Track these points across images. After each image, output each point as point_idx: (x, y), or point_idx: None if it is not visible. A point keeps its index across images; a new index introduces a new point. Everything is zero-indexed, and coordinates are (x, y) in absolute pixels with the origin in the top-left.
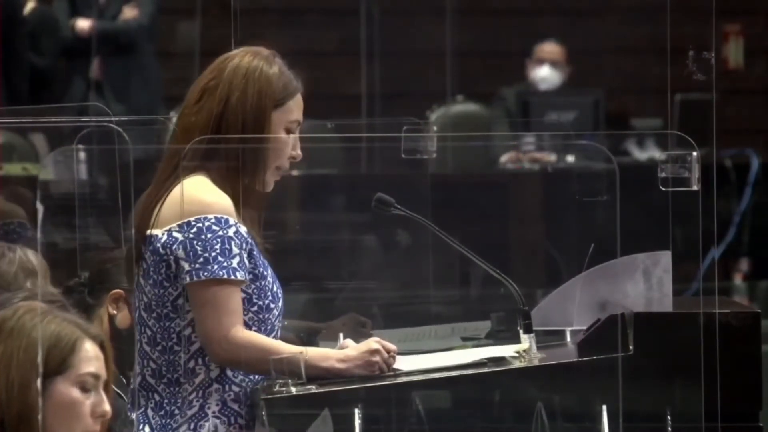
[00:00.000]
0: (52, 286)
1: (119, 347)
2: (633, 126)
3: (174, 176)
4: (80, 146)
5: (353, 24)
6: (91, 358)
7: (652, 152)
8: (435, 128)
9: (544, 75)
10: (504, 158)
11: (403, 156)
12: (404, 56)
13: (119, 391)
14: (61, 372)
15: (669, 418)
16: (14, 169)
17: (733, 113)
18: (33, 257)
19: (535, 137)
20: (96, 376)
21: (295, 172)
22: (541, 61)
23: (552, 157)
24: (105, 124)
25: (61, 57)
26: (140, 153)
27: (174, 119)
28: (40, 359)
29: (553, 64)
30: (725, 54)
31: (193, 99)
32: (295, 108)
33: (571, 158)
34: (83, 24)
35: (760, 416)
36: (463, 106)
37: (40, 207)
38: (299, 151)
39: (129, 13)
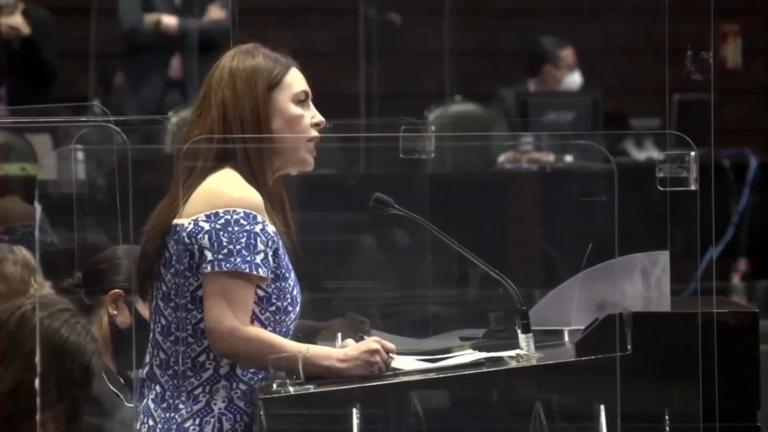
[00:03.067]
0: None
1: (120, 347)
2: (631, 126)
3: (195, 175)
4: (79, 146)
5: (352, 24)
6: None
7: (651, 152)
8: (433, 128)
9: (579, 80)
10: (502, 158)
11: (401, 156)
12: (402, 56)
13: (116, 391)
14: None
15: (667, 417)
16: (13, 169)
17: (732, 113)
18: (29, 256)
19: (533, 137)
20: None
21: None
22: (570, 68)
23: (551, 157)
24: (104, 124)
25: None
26: (138, 153)
27: (173, 119)
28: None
29: (576, 66)
30: (723, 54)
31: (196, 114)
32: (294, 81)
33: (569, 158)
34: (170, 21)
35: (759, 416)
36: (461, 106)
37: (38, 207)
38: (320, 117)
39: (216, 12)
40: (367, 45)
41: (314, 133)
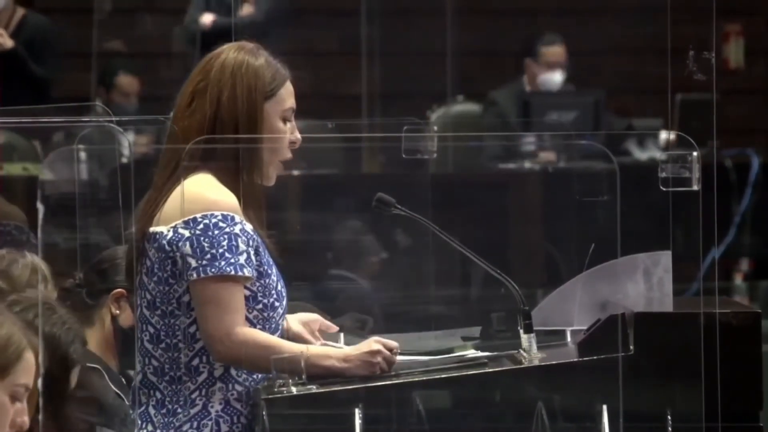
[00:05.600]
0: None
1: (122, 346)
2: (633, 126)
3: (175, 177)
4: (80, 146)
5: (353, 24)
6: (29, 369)
7: (653, 152)
8: (435, 128)
9: (557, 80)
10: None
11: (403, 156)
12: (404, 56)
13: (119, 392)
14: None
15: (669, 418)
16: (14, 169)
17: (734, 113)
18: (39, 261)
19: (535, 137)
20: (27, 388)
21: (295, 172)
22: (550, 65)
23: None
24: (106, 124)
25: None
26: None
27: None
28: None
29: (561, 67)
30: (726, 54)
31: (185, 103)
32: (287, 96)
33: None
34: (207, 19)
35: (761, 416)
36: (463, 106)
37: (40, 207)
38: (298, 135)
39: (247, 9)
40: (368, 45)
41: (289, 154)
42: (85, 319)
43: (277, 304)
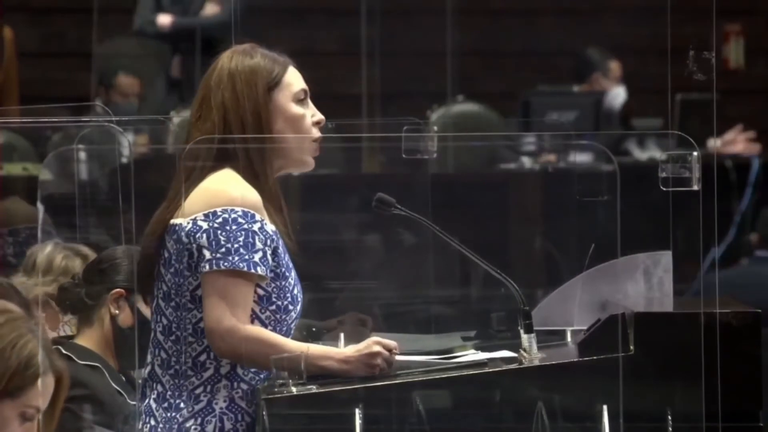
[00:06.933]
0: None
1: (122, 346)
2: (633, 126)
3: (191, 180)
4: (80, 146)
5: (353, 24)
6: (45, 392)
7: (653, 152)
8: (435, 128)
9: (623, 94)
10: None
11: (403, 156)
12: (404, 56)
13: (120, 389)
14: (13, 396)
15: (669, 417)
16: (14, 169)
17: (734, 113)
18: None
19: (535, 137)
20: (39, 410)
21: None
22: (617, 80)
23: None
24: (106, 124)
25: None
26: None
27: (174, 119)
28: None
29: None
30: (726, 54)
31: (194, 117)
32: (293, 80)
33: (582, 157)
34: (164, 20)
35: (761, 416)
36: (463, 106)
37: (40, 207)
38: (320, 115)
39: (211, 9)
40: (368, 45)
41: (317, 132)
42: (84, 319)
43: (291, 307)
